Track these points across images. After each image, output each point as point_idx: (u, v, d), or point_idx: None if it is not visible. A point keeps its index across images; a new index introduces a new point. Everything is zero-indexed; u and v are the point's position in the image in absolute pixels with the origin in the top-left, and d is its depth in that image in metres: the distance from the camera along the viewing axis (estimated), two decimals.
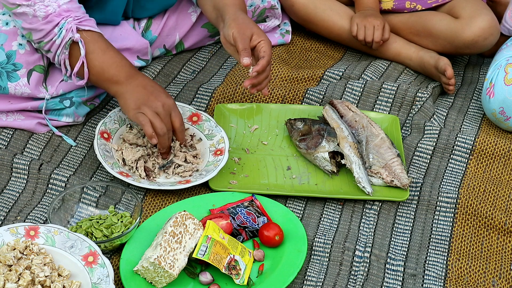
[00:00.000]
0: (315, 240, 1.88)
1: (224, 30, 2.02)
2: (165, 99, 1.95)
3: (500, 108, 2.17)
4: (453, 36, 2.34)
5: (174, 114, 1.97)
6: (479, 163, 2.11)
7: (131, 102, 1.95)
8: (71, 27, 1.92)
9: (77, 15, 1.93)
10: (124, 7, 2.19)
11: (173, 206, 1.92)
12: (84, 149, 2.07)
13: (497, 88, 2.18)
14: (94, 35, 1.96)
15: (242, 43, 1.96)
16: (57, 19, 1.92)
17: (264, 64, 1.97)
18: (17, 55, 2.00)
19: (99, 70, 1.96)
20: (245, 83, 1.98)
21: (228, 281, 1.76)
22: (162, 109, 1.94)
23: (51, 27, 1.92)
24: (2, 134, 2.04)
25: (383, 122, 2.20)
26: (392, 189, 2.01)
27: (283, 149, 2.13)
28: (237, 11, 2.04)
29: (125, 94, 1.96)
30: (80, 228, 1.83)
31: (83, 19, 1.94)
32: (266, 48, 1.98)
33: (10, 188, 1.96)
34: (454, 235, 1.93)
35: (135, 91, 1.95)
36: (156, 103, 1.94)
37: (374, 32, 2.37)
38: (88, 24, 1.95)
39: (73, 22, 1.92)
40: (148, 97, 1.94)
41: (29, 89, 2.01)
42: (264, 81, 2.02)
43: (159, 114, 1.94)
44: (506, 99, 2.16)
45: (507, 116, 2.17)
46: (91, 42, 1.94)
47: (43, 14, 1.91)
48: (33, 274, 1.69)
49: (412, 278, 1.83)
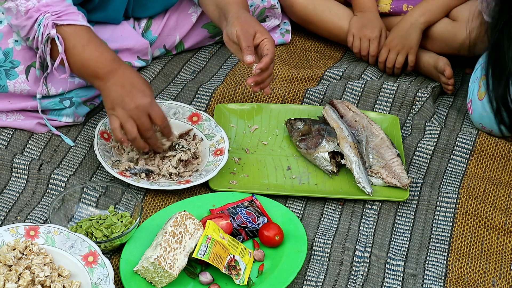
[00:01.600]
0: (315, 240, 1.88)
1: (227, 28, 2.01)
2: (140, 99, 1.91)
3: (479, 124, 2.17)
4: (450, 38, 2.34)
5: (152, 113, 1.92)
6: (479, 164, 2.11)
7: (107, 101, 1.93)
8: (47, 23, 1.89)
9: (55, 10, 1.90)
10: (125, 5, 2.19)
11: (173, 206, 1.92)
12: (84, 149, 2.07)
13: (474, 103, 2.17)
14: (77, 29, 1.92)
15: (246, 41, 1.96)
16: (36, 14, 1.89)
17: (268, 61, 1.97)
18: (14, 52, 1.99)
19: (80, 66, 1.93)
20: (248, 80, 1.98)
21: (228, 281, 1.76)
22: (136, 112, 1.90)
23: (31, 23, 1.90)
24: (2, 134, 2.04)
25: (383, 122, 2.20)
26: (392, 189, 2.01)
27: (283, 149, 2.13)
28: (240, 9, 2.03)
29: (103, 91, 1.93)
30: (80, 228, 1.83)
31: (63, 13, 1.90)
32: (270, 46, 1.98)
33: (10, 188, 1.96)
34: (454, 235, 1.93)
35: (112, 89, 1.92)
36: (130, 105, 1.90)
37: (370, 46, 2.37)
38: (69, 18, 1.91)
39: (51, 18, 1.89)
40: (123, 99, 1.91)
41: (28, 86, 2.01)
42: (267, 79, 2.02)
43: (132, 117, 1.91)
44: (482, 115, 2.15)
45: (489, 129, 2.16)
46: (72, 36, 1.91)
47: (24, 9, 1.89)
48: (33, 274, 1.69)
49: (412, 278, 1.84)
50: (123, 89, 1.92)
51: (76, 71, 1.95)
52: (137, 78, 1.95)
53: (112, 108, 1.92)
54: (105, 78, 1.93)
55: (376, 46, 2.37)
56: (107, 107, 1.93)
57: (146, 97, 1.92)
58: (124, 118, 1.91)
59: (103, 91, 1.93)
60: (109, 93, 1.92)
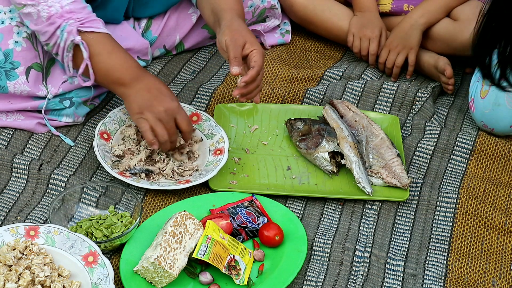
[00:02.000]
0: (315, 240, 1.88)
1: (218, 36, 2.01)
2: (168, 103, 1.94)
3: (481, 122, 2.17)
4: (451, 39, 2.34)
5: (179, 117, 1.96)
6: (479, 164, 2.11)
7: (134, 106, 1.94)
8: (71, 29, 1.91)
9: (79, 17, 1.92)
10: (126, 5, 2.19)
11: (173, 206, 1.92)
12: (84, 149, 2.07)
13: (476, 102, 2.17)
14: (100, 36, 1.94)
15: (234, 51, 1.95)
16: (59, 20, 1.91)
17: (253, 74, 1.96)
18: (15, 53, 2.00)
19: (105, 73, 1.95)
20: (234, 92, 1.97)
21: (228, 281, 1.76)
22: (165, 115, 1.93)
23: (54, 29, 1.91)
24: (2, 134, 2.04)
25: (383, 122, 2.20)
26: (392, 189, 2.01)
27: (283, 149, 2.13)
28: (233, 17, 2.03)
29: (129, 97, 1.95)
30: (80, 228, 1.83)
31: (86, 20, 1.93)
32: (258, 58, 1.97)
33: (10, 188, 1.96)
34: (454, 235, 1.93)
35: (139, 94, 1.94)
36: (159, 108, 1.93)
37: (370, 45, 2.37)
38: (92, 26, 1.93)
39: (75, 24, 1.91)
40: (151, 102, 1.93)
41: (28, 87, 2.01)
42: (254, 90, 2.01)
43: (161, 120, 1.93)
44: (484, 113, 2.15)
45: (491, 128, 2.16)
46: (96, 43, 1.93)
47: (46, 15, 1.90)
48: (33, 274, 1.69)
49: (412, 278, 1.84)
50: (150, 94, 1.94)
51: (99, 78, 1.96)
52: (162, 84, 1.98)
53: (140, 112, 1.93)
54: (131, 84, 1.95)
55: (376, 45, 2.37)
56: (134, 111, 1.94)
57: (174, 101, 1.95)
58: (154, 121, 1.92)
59: (129, 97, 1.95)
60: (135, 98, 1.94)
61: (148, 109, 1.93)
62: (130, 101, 1.95)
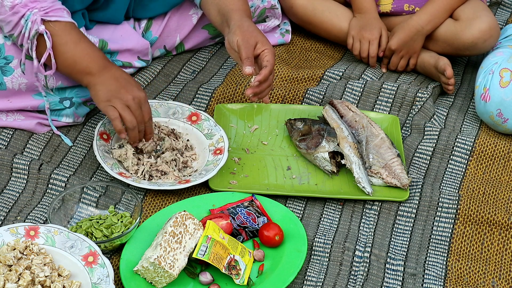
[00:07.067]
0: (315, 240, 1.88)
1: (229, 36, 2.02)
2: (136, 92, 1.93)
3: (497, 110, 2.17)
4: (452, 38, 2.34)
5: (144, 107, 1.95)
6: (478, 164, 2.11)
7: (102, 94, 1.93)
8: (36, 18, 1.88)
9: (43, 6, 1.89)
10: (127, 5, 2.19)
11: (173, 206, 1.92)
12: (84, 149, 2.07)
13: (493, 91, 2.18)
14: (66, 25, 1.92)
15: (246, 51, 1.96)
16: (23, 10, 1.89)
17: (267, 74, 1.98)
18: (6, 48, 1.99)
19: (71, 62, 1.94)
20: (247, 91, 1.99)
21: (228, 281, 1.76)
22: (132, 102, 1.92)
23: (18, 18, 1.89)
24: (2, 134, 2.04)
25: (383, 122, 2.20)
26: (392, 189, 2.01)
27: (283, 149, 2.13)
28: (242, 17, 2.04)
29: (96, 85, 1.94)
30: (80, 228, 1.83)
31: (50, 10, 1.90)
32: (270, 57, 1.99)
33: (10, 188, 1.96)
34: (454, 236, 1.93)
35: (107, 83, 1.93)
36: (127, 96, 1.92)
37: (370, 47, 2.37)
38: (56, 15, 1.91)
39: (39, 13, 1.88)
40: (119, 90, 1.93)
41: (26, 79, 2.00)
42: (266, 90, 2.03)
43: (129, 107, 1.92)
44: (503, 101, 2.16)
45: (504, 118, 2.16)
46: (62, 33, 1.91)
47: (10, 4, 1.88)
48: (33, 274, 1.69)
49: (412, 278, 1.84)
50: (118, 83, 1.93)
51: (65, 67, 1.95)
52: (129, 75, 1.98)
53: (108, 100, 1.92)
54: (99, 73, 1.94)
55: (376, 47, 2.37)
56: (101, 99, 1.93)
57: (141, 91, 1.95)
58: (122, 108, 1.92)
59: (96, 85, 1.94)
60: (103, 86, 1.93)
61: (116, 97, 1.92)
62: (97, 90, 1.94)
